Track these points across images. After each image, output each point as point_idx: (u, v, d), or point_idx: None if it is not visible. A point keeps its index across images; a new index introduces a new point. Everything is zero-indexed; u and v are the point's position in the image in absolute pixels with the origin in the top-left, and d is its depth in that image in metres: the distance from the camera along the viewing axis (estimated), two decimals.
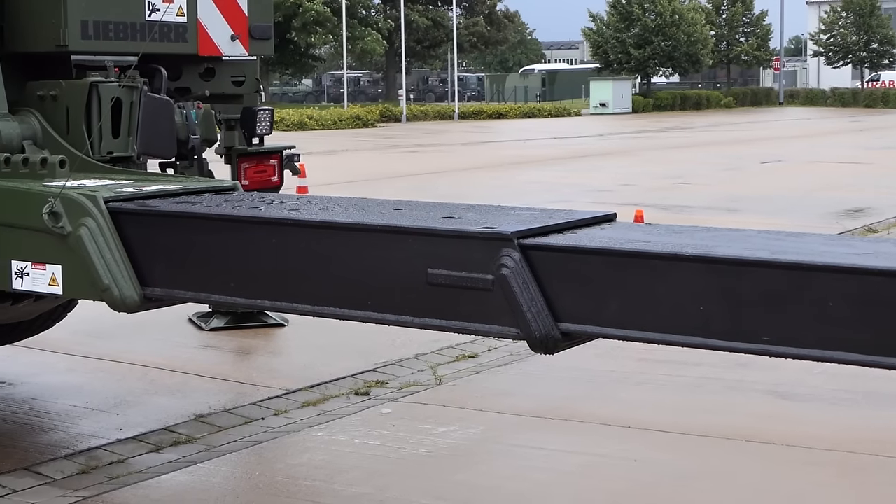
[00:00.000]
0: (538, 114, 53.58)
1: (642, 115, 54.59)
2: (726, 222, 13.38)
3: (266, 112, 6.53)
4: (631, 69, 64.73)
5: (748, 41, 72.27)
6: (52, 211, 4.17)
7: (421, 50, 71.40)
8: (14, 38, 5.41)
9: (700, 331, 3.15)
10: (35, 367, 7.28)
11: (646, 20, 64.52)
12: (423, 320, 3.59)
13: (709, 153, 27.61)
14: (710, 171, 22.20)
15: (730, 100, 65.60)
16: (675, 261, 3.16)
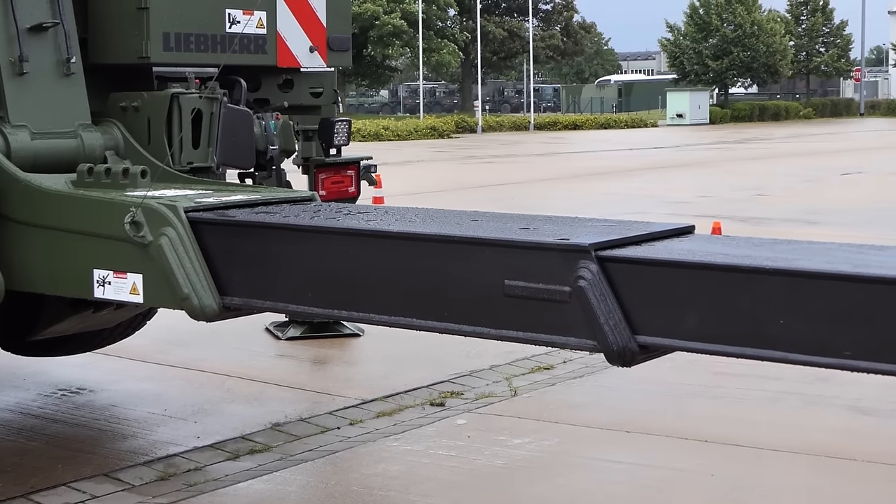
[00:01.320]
0: (614, 125, 53.36)
1: (719, 126, 54.17)
2: (806, 235, 13.22)
3: (344, 123, 6.57)
4: (708, 80, 64.30)
5: (828, 51, 71.49)
6: (134, 220, 4.22)
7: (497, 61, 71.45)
8: (98, 50, 5.50)
9: (780, 344, 3.11)
10: (115, 375, 7.37)
11: (724, 30, 64.06)
12: (500, 332, 3.59)
13: (787, 165, 27.32)
14: (789, 183, 21.96)
15: (809, 111, 64.87)
16: (755, 274, 3.13)
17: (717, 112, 59.19)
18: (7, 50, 5.00)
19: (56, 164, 5.01)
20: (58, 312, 5.83)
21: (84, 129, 5.19)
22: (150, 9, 5.32)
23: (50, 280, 4.69)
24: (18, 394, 6.91)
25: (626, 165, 27.58)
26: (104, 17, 5.46)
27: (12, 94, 5.00)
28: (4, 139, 4.91)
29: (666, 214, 15.70)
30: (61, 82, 5.18)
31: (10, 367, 7.26)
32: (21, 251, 4.71)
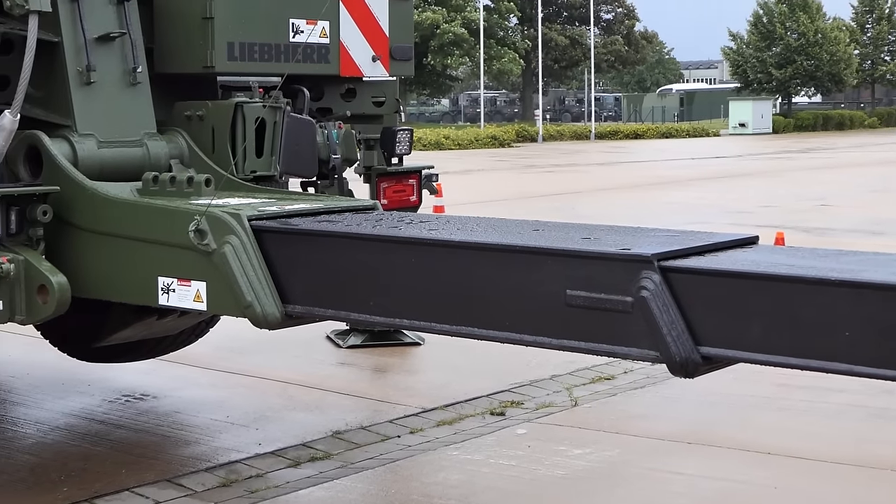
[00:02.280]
0: (676, 134, 53.11)
1: (783, 136, 53.71)
2: (871, 246, 13.07)
3: (405, 132, 6.59)
4: (771, 89, 63.83)
5: (894, 60, 70.62)
6: (198, 229, 4.26)
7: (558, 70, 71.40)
8: (163, 59, 5.56)
9: (845, 357, 3.08)
10: (178, 381, 7.44)
11: (788, 39, 63.56)
12: (561, 342, 3.58)
13: (852, 174, 27.03)
14: (854, 193, 21.72)
15: (874, 120, 64.18)
16: (820, 285, 3.10)
17: (781, 121, 58.71)
18: (75, 60, 5.07)
19: (122, 173, 5.07)
20: (123, 319, 5.90)
21: (149, 137, 5.25)
22: (216, 19, 5.37)
23: (115, 287, 4.74)
24: (84, 399, 6.99)
25: (688, 175, 27.42)
26: (170, 27, 5.53)
27: (80, 103, 5.07)
28: (72, 148, 4.98)
29: (728, 224, 15.59)
30: (127, 91, 5.24)
31: (76, 373, 7.35)
32: (87, 258, 4.77)
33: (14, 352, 8.03)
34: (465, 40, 57.94)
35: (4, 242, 4.68)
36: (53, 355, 6.87)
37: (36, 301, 4.63)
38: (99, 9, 5.18)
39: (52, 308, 4.61)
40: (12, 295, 4.60)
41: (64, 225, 4.80)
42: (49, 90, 5.09)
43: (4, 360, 7.88)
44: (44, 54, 4.92)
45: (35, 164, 4.96)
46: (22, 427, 6.44)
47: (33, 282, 4.61)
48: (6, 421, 6.57)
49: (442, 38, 57.92)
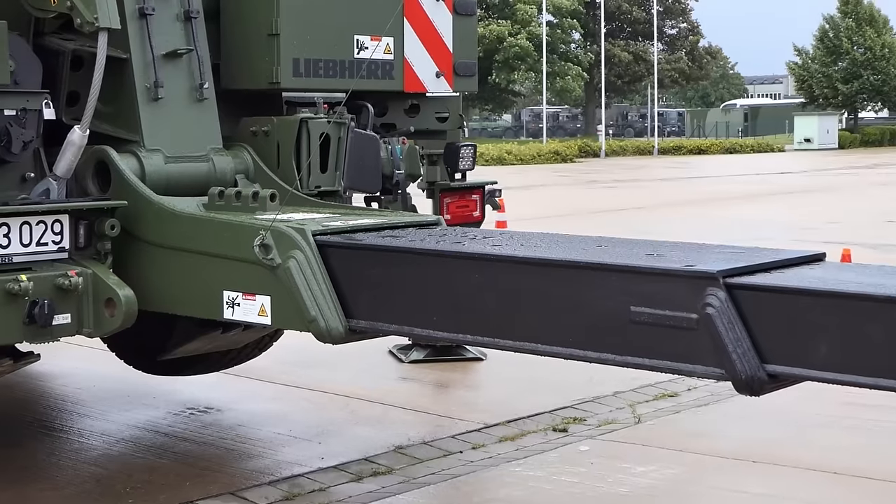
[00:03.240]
0: (740, 149, 52.76)
1: (849, 151, 53.15)
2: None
3: (469, 148, 6.60)
4: (837, 104, 63.19)
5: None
6: (263, 243, 4.29)
7: (621, 85, 71.21)
8: (229, 76, 5.61)
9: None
10: (241, 395, 7.49)
11: (854, 54, 62.94)
12: (625, 358, 3.56)
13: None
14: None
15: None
16: (889, 303, 3.06)
17: (847, 137, 58.13)
18: (143, 76, 5.13)
19: (188, 188, 5.12)
20: (188, 333, 5.94)
21: (216, 153, 5.30)
22: (281, 35, 5.42)
23: (181, 301, 4.79)
24: (149, 412, 7.06)
25: (752, 191, 27.21)
26: (236, 43, 5.58)
27: (147, 118, 5.13)
28: (139, 163, 5.04)
29: (794, 241, 15.43)
30: (194, 107, 5.29)
31: (142, 385, 7.42)
32: (153, 272, 4.82)
33: (81, 364, 8.12)
34: (529, 54, 57.94)
35: (73, 256, 4.75)
36: (119, 368, 6.94)
37: (103, 314, 4.68)
38: (167, 26, 5.25)
39: (119, 321, 4.66)
40: (80, 308, 4.67)
41: (131, 239, 4.86)
42: (117, 106, 5.16)
43: (71, 373, 7.98)
44: (113, 71, 4.98)
45: (103, 178, 5.02)
46: (88, 438, 6.51)
47: (101, 295, 4.67)
48: (73, 432, 6.65)
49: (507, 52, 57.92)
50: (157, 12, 5.19)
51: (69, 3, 4.75)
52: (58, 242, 4.72)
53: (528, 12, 58.17)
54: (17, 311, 4.49)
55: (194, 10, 5.34)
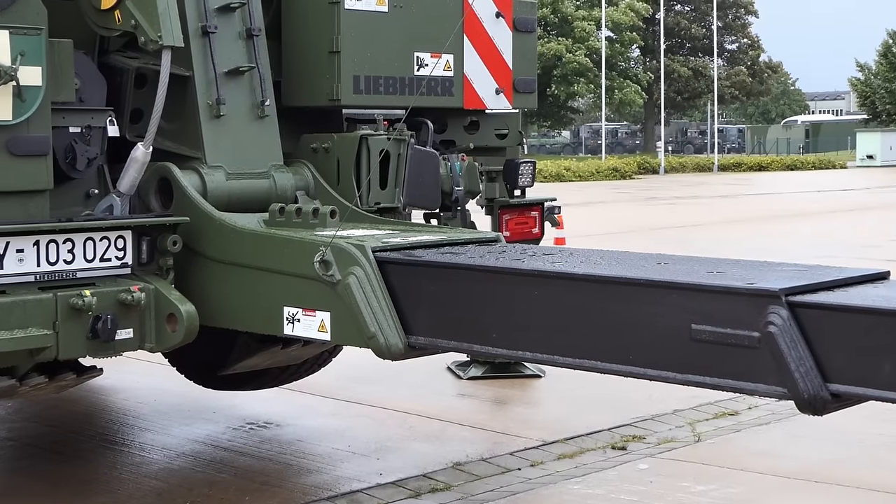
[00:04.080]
0: (801, 166, 52.31)
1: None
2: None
3: (528, 164, 6.59)
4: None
5: None
6: (323, 260, 4.31)
7: (680, 101, 70.88)
8: (290, 93, 5.66)
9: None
10: (300, 410, 7.52)
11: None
12: (686, 377, 3.54)
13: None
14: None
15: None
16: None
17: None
18: (206, 93, 5.18)
19: (249, 204, 5.16)
20: (248, 348, 5.98)
21: (276, 169, 5.34)
22: (342, 53, 5.46)
23: (241, 316, 4.82)
24: (209, 426, 7.10)
25: (814, 208, 26.96)
26: (297, 61, 5.63)
27: (209, 135, 5.18)
28: (201, 179, 5.08)
29: (857, 259, 15.27)
30: (255, 124, 5.34)
31: (202, 400, 7.48)
32: (214, 288, 4.86)
33: (142, 378, 8.20)
34: (588, 69, 57.85)
35: (136, 272, 4.80)
36: (180, 382, 7.00)
37: (165, 329, 4.72)
38: (229, 44, 5.30)
39: (181, 336, 4.70)
40: (143, 323, 4.71)
41: (193, 255, 4.90)
42: (180, 123, 5.21)
43: (133, 387, 8.05)
44: (176, 88, 5.04)
45: (166, 195, 5.08)
46: (149, 453, 6.56)
47: (163, 310, 4.71)
48: (134, 446, 6.71)
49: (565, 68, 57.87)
50: (219, 30, 5.25)
51: (133, 22, 4.81)
52: (121, 258, 4.77)
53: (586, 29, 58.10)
54: (81, 326, 4.54)
55: (256, 27, 5.39)
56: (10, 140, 4.50)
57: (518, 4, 6.26)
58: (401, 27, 5.69)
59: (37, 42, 4.53)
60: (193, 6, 5.20)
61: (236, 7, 5.34)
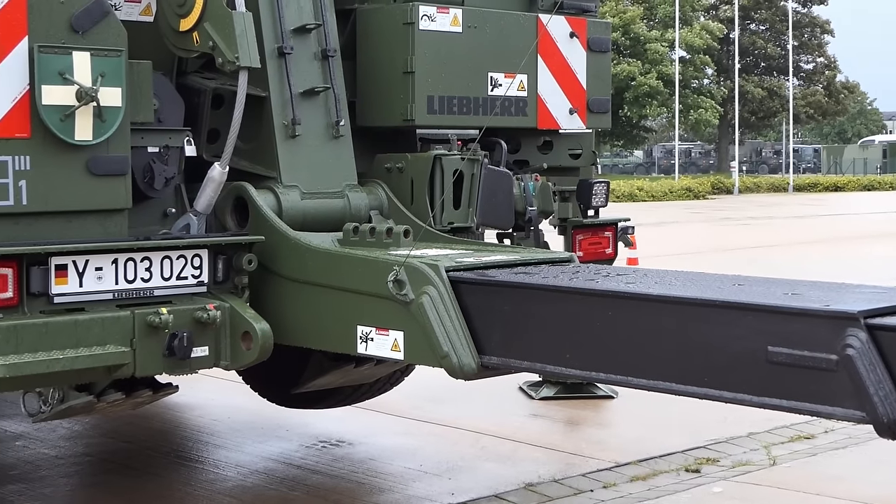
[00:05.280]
0: (878, 186, 51.58)
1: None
2: None
3: (602, 184, 6.57)
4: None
5: None
6: (397, 279, 4.33)
7: (755, 121, 70.27)
8: (364, 113, 5.69)
9: None
10: (372, 428, 7.53)
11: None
12: (762, 399, 3.50)
13: None
14: None
15: None
16: None
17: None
18: (281, 114, 5.23)
19: (323, 223, 5.19)
20: (321, 366, 6.01)
21: (350, 189, 5.37)
22: (416, 73, 5.48)
23: (315, 335, 4.85)
24: (282, 444, 7.14)
25: (891, 229, 26.55)
26: (372, 81, 5.66)
27: (285, 155, 5.23)
28: (276, 199, 5.13)
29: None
30: (330, 144, 5.38)
31: (275, 417, 7.52)
32: (289, 306, 4.89)
33: (215, 396, 8.27)
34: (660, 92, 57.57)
35: (211, 290, 4.84)
36: (253, 400, 7.05)
37: (240, 347, 4.76)
38: (305, 64, 5.35)
39: (256, 354, 4.73)
40: (218, 341, 4.75)
41: (267, 273, 4.94)
42: (256, 143, 5.27)
43: (207, 404, 8.12)
44: (252, 108, 5.09)
45: (242, 214, 5.13)
46: (223, 469, 6.61)
47: (238, 328, 4.75)
48: (208, 463, 6.76)
49: (637, 90, 57.65)
50: (295, 51, 5.30)
51: (211, 43, 4.87)
52: (197, 276, 4.82)
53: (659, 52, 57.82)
54: (158, 344, 4.59)
55: (331, 48, 5.43)
56: (91, 160, 4.57)
57: (592, 24, 6.25)
58: (475, 47, 5.70)
59: (117, 63, 4.60)
60: (270, 27, 5.26)
61: (312, 28, 5.39)
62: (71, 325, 4.42)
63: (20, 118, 4.41)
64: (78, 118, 4.49)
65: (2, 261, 4.32)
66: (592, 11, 6.33)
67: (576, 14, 6.20)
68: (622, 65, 57.59)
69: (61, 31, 4.48)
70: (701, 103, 60.27)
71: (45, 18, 4.44)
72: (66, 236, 4.56)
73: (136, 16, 5.10)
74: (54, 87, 4.44)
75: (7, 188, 4.41)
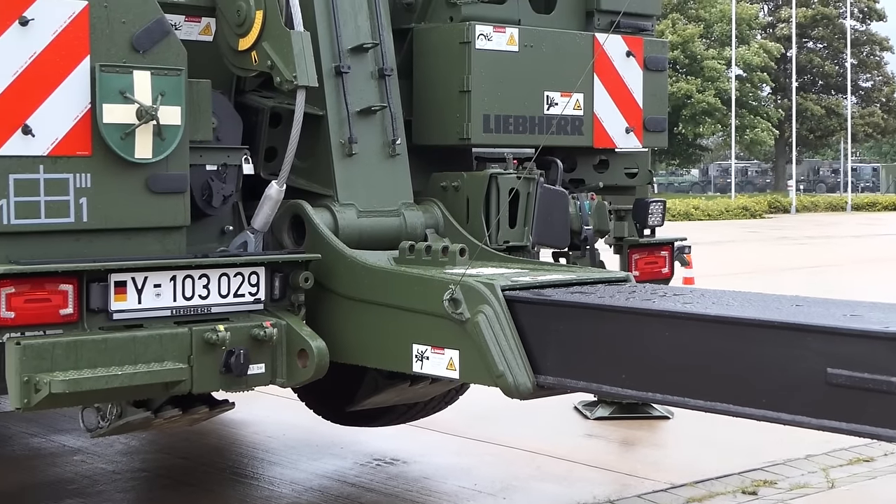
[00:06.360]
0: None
1: None
2: None
3: (658, 204, 6.54)
4: None
5: None
6: (453, 298, 4.33)
7: (812, 139, 69.66)
8: (421, 132, 5.71)
9: None
10: (427, 447, 7.53)
11: None
12: (821, 422, 3.47)
13: None
14: None
15: None
16: None
17: None
18: (338, 132, 5.26)
19: (379, 242, 5.21)
20: (376, 384, 6.02)
21: (406, 207, 5.39)
22: (472, 92, 5.49)
23: (371, 353, 4.86)
24: (336, 462, 7.15)
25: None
26: (428, 100, 5.68)
27: (341, 174, 5.25)
28: (333, 217, 5.15)
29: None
30: (387, 163, 5.40)
31: (329, 435, 7.54)
32: (344, 324, 4.91)
33: (271, 413, 8.30)
34: (717, 109, 57.25)
35: (268, 307, 4.87)
36: (308, 417, 7.06)
37: (296, 365, 4.78)
38: (362, 83, 5.38)
39: (311, 372, 4.75)
40: (274, 358, 4.77)
41: (323, 291, 4.96)
42: (313, 161, 5.30)
43: (262, 421, 8.16)
44: (309, 127, 5.12)
45: (298, 232, 5.16)
46: (278, 487, 6.63)
47: (294, 346, 4.77)
48: (263, 480, 6.78)
49: (694, 108, 57.37)
50: (352, 70, 5.33)
51: (270, 62, 4.91)
52: (254, 294, 4.84)
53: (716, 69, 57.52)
54: (215, 361, 4.62)
55: (388, 67, 5.46)
56: (150, 177, 4.62)
57: (649, 43, 6.24)
58: (531, 66, 5.70)
59: (177, 82, 4.65)
60: (327, 47, 5.29)
61: (369, 47, 5.42)
62: (129, 341, 4.46)
63: (81, 136, 4.46)
64: (138, 136, 4.54)
65: (63, 277, 4.37)
66: (649, 30, 6.32)
67: (632, 33, 6.19)
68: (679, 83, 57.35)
69: (122, 51, 4.53)
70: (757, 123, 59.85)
71: (107, 38, 4.50)
72: (125, 253, 4.61)
73: (195, 35, 5.15)
74: (115, 106, 4.50)
75: (68, 205, 4.46)
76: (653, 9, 6.41)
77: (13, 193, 4.35)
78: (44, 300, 4.35)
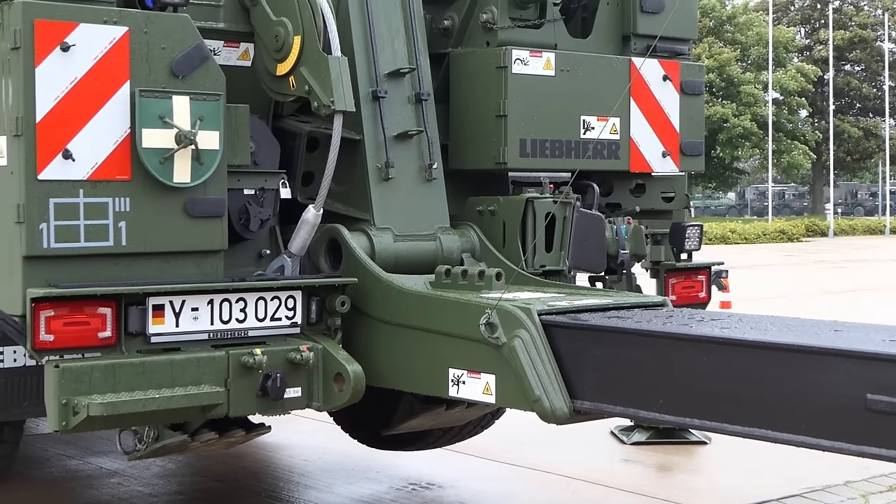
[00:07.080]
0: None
1: None
2: None
3: (695, 228, 6.51)
4: None
5: None
6: (489, 322, 4.32)
7: (850, 162, 69.25)
8: (457, 156, 5.72)
9: None
10: (462, 472, 7.51)
11: None
12: (861, 448, 3.44)
13: None
14: None
15: None
16: None
17: None
18: (375, 157, 5.28)
19: (415, 266, 5.22)
20: (412, 408, 6.01)
21: (443, 231, 5.39)
22: (509, 116, 5.50)
23: (407, 377, 4.86)
24: (372, 486, 7.15)
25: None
26: (464, 124, 5.69)
27: (378, 198, 5.27)
28: (369, 241, 5.17)
29: None
30: (423, 187, 5.41)
31: (365, 459, 7.54)
32: (380, 348, 4.91)
33: (306, 436, 8.31)
34: (753, 133, 57.04)
35: (305, 331, 4.88)
36: (343, 441, 7.06)
37: (332, 389, 4.79)
38: (398, 108, 5.40)
39: (348, 396, 4.75)
40: (311, 382, 4.78)
41: (360, 315, 4.97)
42: (349, 186, 5.32)
43: (298, 444, 8.17)
44: (346, 151, 5.14)
45: (335, 256, 5.17)
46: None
47: (330, 370, 4.78)
48: (299, 503, 6.78)
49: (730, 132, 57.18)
50: (389, 95, 5.35)
51: (307, 87, 4.94)
52: (291, 318, 4.86)
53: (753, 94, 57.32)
54: (251, 384, 4.63)
55: (425, 92, 5.48)
56: (189, 202, 4.64)
57: (685, 67, 6.23)
58: (567, 91, 5.71)
59: (215, 107, 4.68)
60: (365, 72, 5.32)
61: (406, 72, 5.44)
62: (167, 364, 4.49)
63: (121, 161, 4.50)
64: (177, 161, 4.58)
65: (101, 301, 4.40)
66: (685, 54, 6.31)
67: (669, 57, 6.18)
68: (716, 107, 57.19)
69: (162, 76, 4.57)
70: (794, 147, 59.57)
71: (147, 63, 4.54)
72: (163, 277, 4.63)
73: (234, 60, 5.18)
74: (154, 131, 4.53)
75: (107, 229, 4.49)
76: (689, 33, 6.40)
77: (53, 217, 4.39)
78: (83, 323, 4.38)
